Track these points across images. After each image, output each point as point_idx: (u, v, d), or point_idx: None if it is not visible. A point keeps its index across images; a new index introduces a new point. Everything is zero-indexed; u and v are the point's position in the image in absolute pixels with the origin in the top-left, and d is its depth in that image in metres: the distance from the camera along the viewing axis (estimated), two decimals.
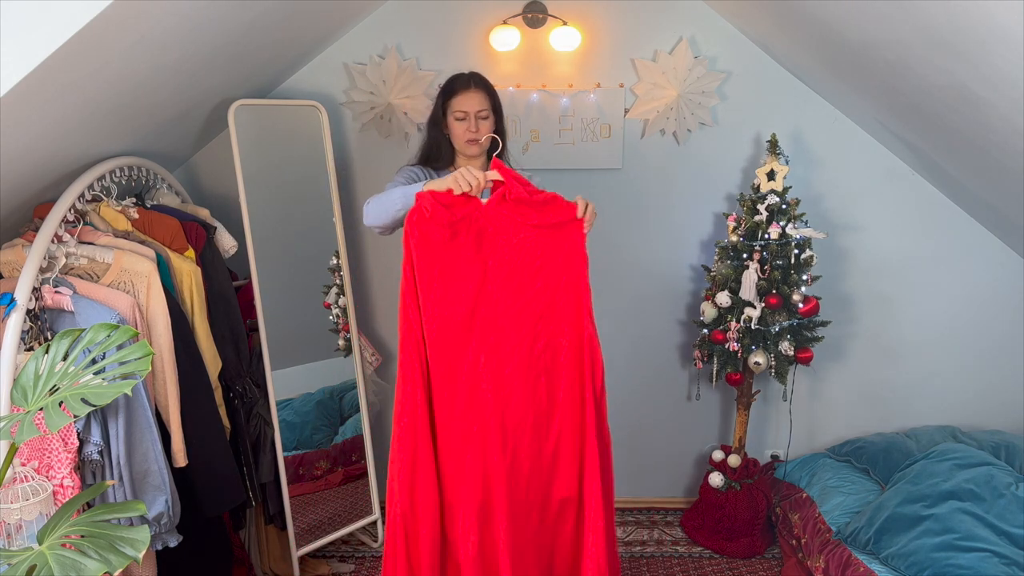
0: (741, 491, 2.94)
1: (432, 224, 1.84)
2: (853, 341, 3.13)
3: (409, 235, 1.85)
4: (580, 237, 1.94)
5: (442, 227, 1.85)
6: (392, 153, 2.94)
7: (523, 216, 1.89)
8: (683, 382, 3.24)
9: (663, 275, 3.11)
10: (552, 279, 1.93)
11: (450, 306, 1.89)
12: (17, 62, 1.41)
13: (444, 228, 1.85)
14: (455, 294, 1.89)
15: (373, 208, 2.02)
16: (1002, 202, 2.65)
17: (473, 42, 2.88)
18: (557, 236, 1.92)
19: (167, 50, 1.88)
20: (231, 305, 2.43)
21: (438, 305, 1.88)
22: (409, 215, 1.86)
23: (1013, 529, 2.29)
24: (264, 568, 2.74)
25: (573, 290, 1.94)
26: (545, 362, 1.95)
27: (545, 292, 1.93)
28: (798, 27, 2.48)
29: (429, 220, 1.84)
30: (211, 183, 3.00)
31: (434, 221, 1.84)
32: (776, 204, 2.69)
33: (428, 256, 1.86)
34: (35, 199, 2.08)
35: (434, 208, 1.84)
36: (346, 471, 2.96)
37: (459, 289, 1.89)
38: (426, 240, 1.85)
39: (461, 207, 1.87)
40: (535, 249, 1.91)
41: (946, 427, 3.04)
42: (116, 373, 1.51)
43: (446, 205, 1.85)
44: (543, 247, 1.91)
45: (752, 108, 2.93)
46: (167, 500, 1.94)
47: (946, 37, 1.85)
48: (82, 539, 1.38)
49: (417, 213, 1.85)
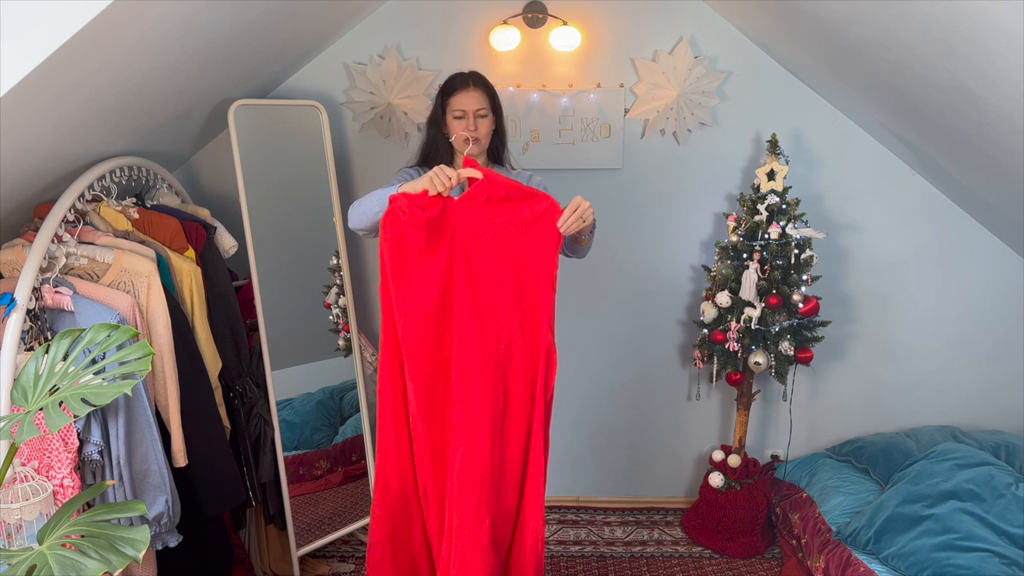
0: (741, 491, 2.94)
1: (406, 226, 1.84)
2: (853, 341, 3.13)
3: (383, 238, 1.85)
4: (551, 243, 1.90)
5: (416, 229, 1.84)
6: (392, 153, 2.95)
7: (491, 214, 1.88)
8: (683, 382, 3.24)
9: (663, 275, 3.11)
10: (517, 281, 1.92)
11: (422, 307, 1.89)
12: (17, 62, 1.42)
13: (418, 230, 1.85)
14: (427, 294, 1.89)
15: (355, 211, 2.02)
16: (1002, 202, 2.65)
17: (473, 42, 2.88)
18: (526, 239, 1.90)
19: (167, 50, 1.88)
20: (231, 305, 2.43)
21: (412, 307, 1.88)
22: (383, 218, 1.85)
23: (1013, 529, 2.29)
24: (264, 568, 2.74)
25: (536, 295, 1.93)
26: (504, 364, 1.95)
27: (508, 293, 1.92)
28: (798, 27, 2.48)
29: (404, 223, 1.83)
30: (211, 183, 3.00)
31: (408, 224, 1.83)
32: (776, 204, 2.69)
33: (401, 258, 1.86)
34: (35, 199, 2.08)
35: (410, 211, 1.83)
36: (346, 471, 2.96)
37: (430, 289, 1.89)
38: (399, 243, 1.85)
39: (435, 207, 1.86)
40: (502, 250, 1.90)
41: (946, 427, 3.04)
42: (116, 373, 1.51)
43: (420, 207, 1.84)
44: (511, 248, 1.90)
45: (752, 108, 2.93)
46: (167, 500, 1.94)
47: (946, 37, 1.85)
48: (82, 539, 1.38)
49: (391, 215, 1.84)
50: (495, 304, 1.91)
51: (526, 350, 1.94)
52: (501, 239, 1.89)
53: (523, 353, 1.94)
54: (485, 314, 1.91)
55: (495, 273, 1.91)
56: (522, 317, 1.93)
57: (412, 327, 1.90)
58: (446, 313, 1.92)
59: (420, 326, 1.90)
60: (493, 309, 1.91)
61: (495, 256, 1.90)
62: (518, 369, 1.95)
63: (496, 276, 1.91)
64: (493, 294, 1.91)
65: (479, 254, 1.90)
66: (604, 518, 3.24)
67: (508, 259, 1.90)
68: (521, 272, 1.91)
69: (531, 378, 1.96)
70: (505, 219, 1.89)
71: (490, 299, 1.91)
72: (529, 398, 1.97)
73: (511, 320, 1.93)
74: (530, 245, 1.90)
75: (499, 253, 1.90)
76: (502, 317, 1.92)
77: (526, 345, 1.94)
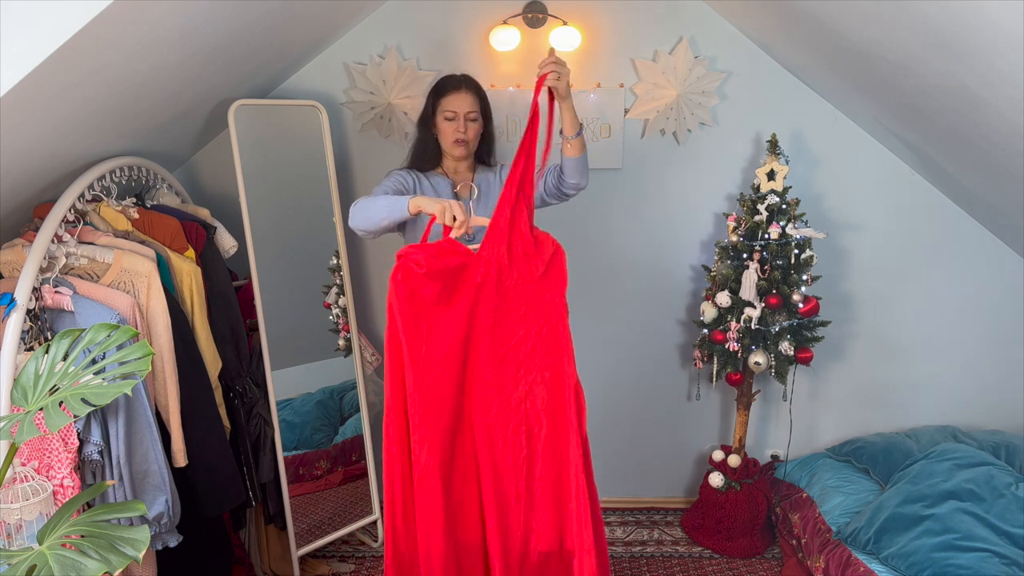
0: (741, 491, 2.94)
1: (421, 279, 1.76)
2: (853, 341, 3.13)
3: (395, 291, 1.76)
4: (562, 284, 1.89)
5: (431, 280, 1.77)
6: (392, 153, 2.94)
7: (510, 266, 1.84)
8: (683, 382, 3.24)
9: (663, 275, 3.11)
10: (534, 327, 1.89)
11: (439, 359, 1.83)
12: (17, 62, 1.41)
13: (433, 282, 1.78)
14: (443, 349, 1.83)
15: (359, 212, 1.98)
16: (1002, 202, 2.65)
17: (473, 42, 2.88)
18: (540, 285, 1.88)
19: (167, 50, 1.88)
20: (231, 305, 2.43)
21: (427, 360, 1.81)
22: (395, 271, 1.77)
23: (1013, 529, 2.29)
24: (264, 568, 2.74)
25: (554, 338, 1.90)
26: (527, 410, 1.91)
27: (527, 340, 1.89)
28: (798, 27, 2.48)
29: (417, 275, 1.75)
30: (211, 183, 3.00)
31: (424, 276, 1.76)
32: (776, 204, 2.69)
33: (414, 312, 1.78)
34: (35, 199, 2.08)
35: (428, 262, 1.75)
36: (346, 471, 2.96)
37: (447, 343, 1.83)
38: (413, 296, 1.77)
39: (451, 258, 1.80)
40: (520, 297, 1.87)
41: (946, 427, 3.04)
42: (116, 373, 1.51)
43: (434, 256, 1.77)
44: (527, 296, 1.88)
45: (752, 108, 2.93)
46: (167, 500, 1.94)
47: (946, 37, 1.85)
48: (82, 539, 1.38)
49: (404, 269, 1.76)
50: (514, 352, 1.89)
51: (549, 394, 1.91)
52: (518, 288, 1.87)
53: (546, 398, 1.91)
54: (504, 363, 1.88)
55: (513, 322, 1.88)
56: (542, 361, 1.90)
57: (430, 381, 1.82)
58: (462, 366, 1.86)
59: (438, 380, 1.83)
60: (512, 357, 1.89)
61: (514, 305, 1.87)
62: (544, 413, 1.91)
63: (514, 325, 1.88)
64: (511, 342, 1.88)
65: (498, 303, 1.86)
66: (604, 518, 3.23)
67: (526, 305, 1.88)
68: (539, 317, 1.89)
69: (559, 421, 1.91)
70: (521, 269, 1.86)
71: (509, 347, 1.88)
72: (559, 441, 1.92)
73: (532, 366, 1.90)
74: (545, 290, 1.89)
75: (517, 301, 1.88)
76: (522, 364, 1.89)
77: (548, 388, 1.91)
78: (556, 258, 1.90)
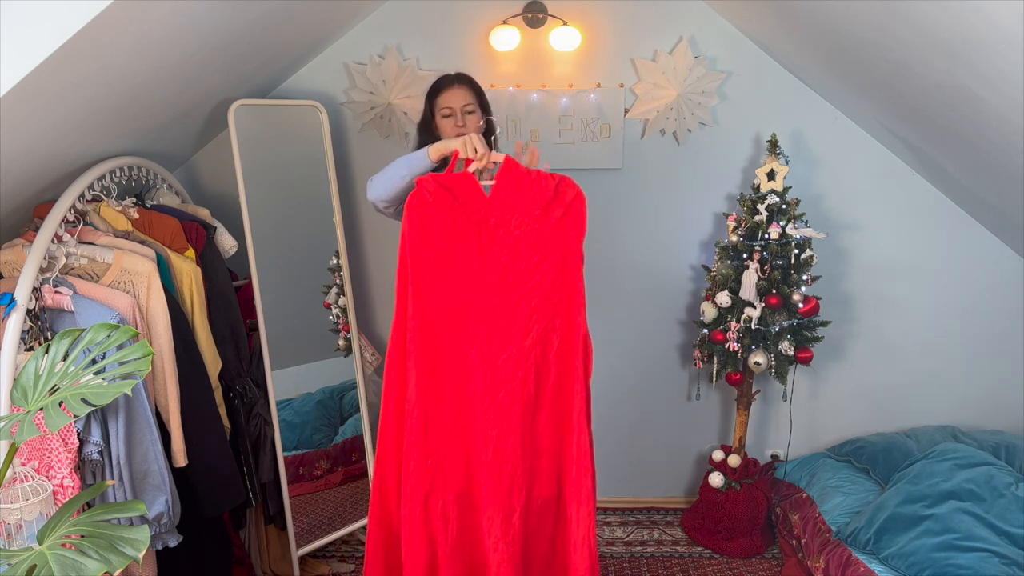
0: (741, 491, 2.94)
1: (433, 208, 1.81)
2: (853, 341, 3.13)
3: (408, 219, 1.82)
4: (580, 232, 1.91)
5: (443, 212, 1.82)
6: (392, 153, 2.92)
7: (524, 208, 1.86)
8: (683, 382, 3.24)
9: (663, 275, 3.11)
10: (549, 275, 1.91)
11: (444, 295, 1.87)
12: (17, 62, 1.41)
13: (445, 213, 1.83)
14: (450, 283, 1.87)
15: (379, 180, 2.00)
16: (1002, 202, 2.65)
17: (473, 42, 2.88)
18: (556, 232, 1.90)
19: (167, 50, 1.88)
20: (231, 305, 2.43)
21: (432, 293, 1.86)
22: (410, 198, 1.83)
23: (1013, 529, 2.29)
24: (264, 568, 2.74)
25: (568, 287, 1.92)
26: (536, 357, 1.93)
27: (541, 287, 1.91)
28: (798, 27, 2.48)
29: (431, 204, 1.81)
30: (211, 183, 3.00)
31: (435, 205, 1.81)
32: (776, 204, 2.69)
33: (425, 242, 1.84)
34: (35, 199, 2.08)
35: (436, 192, 1.81)
36: (346, 471, 2.96)
37: (454, 279, 1.87)
38: (425, 225, 1.82)
39: (464, 193, 1.84)
40: (535, 244, 1.89)
41: (946, 427, 3.04)
42: (116, 373, 1.51)
43: (448, 187, 1.82)
44: (542, 242, 1.89)
45: (752, 108, 2.93)
46: (167, 500, 1.94)
47: (946, 37, 1.85)
48: (82, 539, 1.38)
49: (418, 197, 1.82)
50: (527, 298, 1.90)
51: (561, 343, 1.93)
52: (533, 233, 1.88)
53: (558, 346, 1.93)
54: (516, 308, 1.90)
55: (527, 268, 1.89)
56: (555, 309, 1.92)
57: (433, 314, 1.86)
58: (470, 304, 1.89)
59: (441, 314, 1.86)
60: (525, 303, 1.90)
61: (528, 251, 1.89)
62: (552, 361, 1.93)
63: (528, 270, 1.90)
64: (525, 288, 1.90)
65: (512, 248, 1.88)
66: (604, 518, 3.24)
67: (540, 252, 1.89)
68: (554, 264, 1.91)
69: (566, 369, 1.94)
70: (536, 212, 1.88)
71: (521, 293, 1.90)
72: (564, 389, 1.94)
73: (544, 313, 1.91)
74: (562, 238, 1.90)
75: (532, 247, 1.89)
76: (534, 311, 1.91)
77: (560, 337, 1.93)
78: (576, 203, 1.91)
